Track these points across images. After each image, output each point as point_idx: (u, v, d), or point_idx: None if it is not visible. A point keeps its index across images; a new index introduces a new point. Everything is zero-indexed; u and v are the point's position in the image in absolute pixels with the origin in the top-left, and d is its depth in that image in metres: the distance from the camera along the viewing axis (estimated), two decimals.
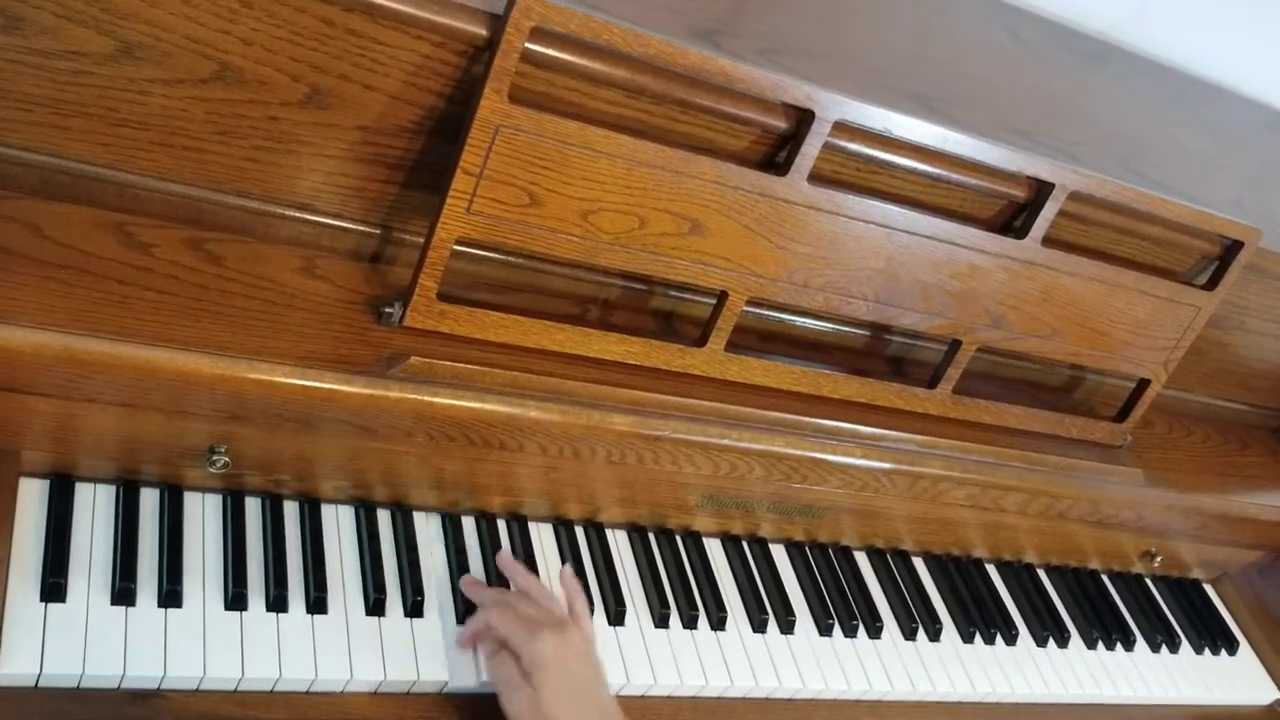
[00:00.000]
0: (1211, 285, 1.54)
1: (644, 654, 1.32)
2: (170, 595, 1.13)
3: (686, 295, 1.41)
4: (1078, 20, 1.98)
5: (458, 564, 1.29)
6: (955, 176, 1.35)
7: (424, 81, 1.14)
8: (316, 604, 1.19)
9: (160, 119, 1.11)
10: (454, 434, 1.22)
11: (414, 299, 1.20)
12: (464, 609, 1.25)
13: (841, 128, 1.26)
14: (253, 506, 1.23)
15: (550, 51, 1.13)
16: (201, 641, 1.12)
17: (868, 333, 1.53)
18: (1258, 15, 2.10)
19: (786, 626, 1.44)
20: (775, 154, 1.29)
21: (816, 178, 1.28)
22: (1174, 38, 2.07)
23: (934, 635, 1.53)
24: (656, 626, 1.36)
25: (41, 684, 1.05)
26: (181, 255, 1.16)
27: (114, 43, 1.05)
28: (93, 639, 1.08)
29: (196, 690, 1.11)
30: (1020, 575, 1.69)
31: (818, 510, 1.49)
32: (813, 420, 1.40)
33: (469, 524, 1.34)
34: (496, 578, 1.29)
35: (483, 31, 1.11)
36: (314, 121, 1.15)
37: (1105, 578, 1.78)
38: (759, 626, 1.42)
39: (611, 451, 1.30)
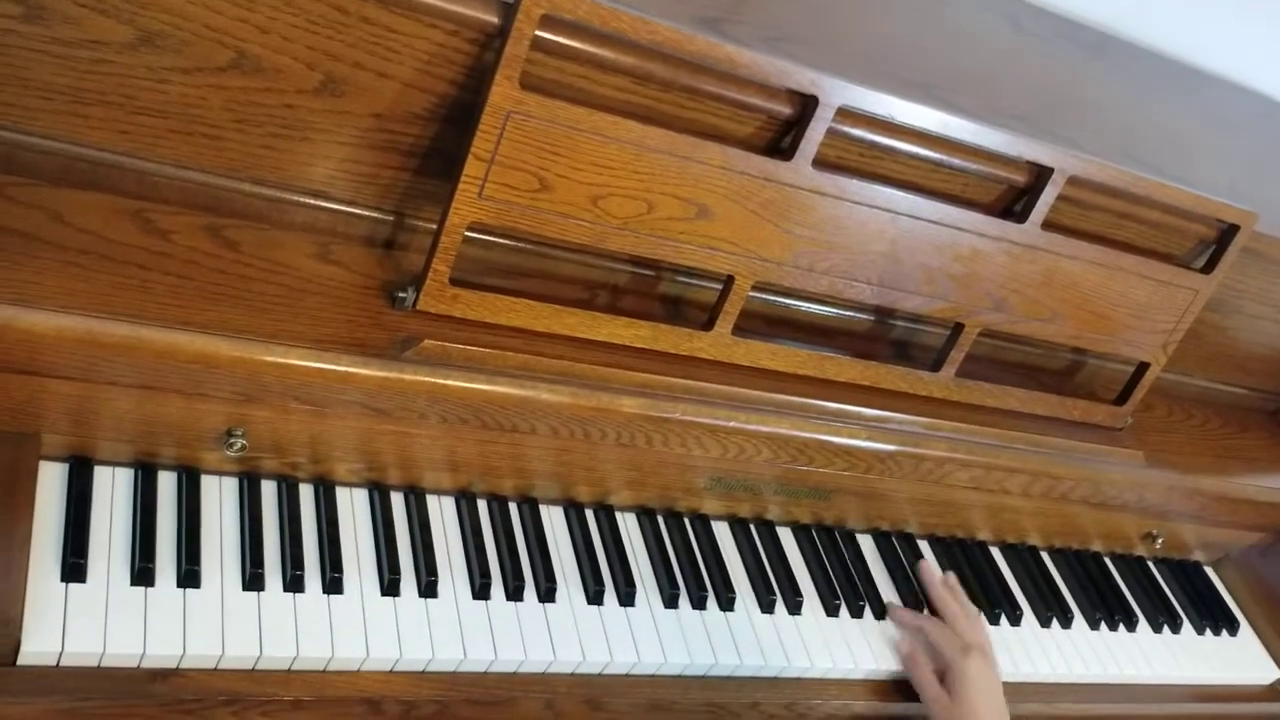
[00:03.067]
0: (1209, 269, 1.56)
1: (654, 633, 1.34)
2: (189, 576, 1.15)
3: (694, 280, 1.43)
4: (1078, 11, 2.00)
5: (474, 546, 1.31)
6: (957, 161, 1.37)
7: (436, 69, 1.17)
8: (332, 584, 1.21)
9: (178, 107, 1.13)
10: (466, 416, 1.24)
11: (427, 283, 1.22)
12: (478, 589, 1.27)
13: (845, 113, 1.28)
14: (269, 489, 1.25)
15: (560, 39, 1.16)
16: (220, 621, 1.14)
17: (872, 316, 1.55)
18: (1252, 9, 2.12)
19: (794, 608, 1.46)
20: (780, 139, 1.31)
21: (821, 163, 1.30)
22: (1173, 28, 2.09)
23: None
24: (666, 607, 1.38)
25: (63, 662, 1.07)
26: (199, 241, 1.18)
27: (134, 31, 1.07)
28: (113, 619, 1.09)
29: (215, 669, 1.13)
30: (1024, 557, 1.71)
31: (824, 492, 1.51)
32: (818, 403, 1.42)
33: (482, 506, 1.36)
34: (509, 557, 1.31)
35: (494, 19, 1.13)
36: (329, 109, 1.17)
37: (1107, 559, 1.80)
38: (767, 608, 1.44)
39: (621, 434, 1.32)
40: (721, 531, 1.50)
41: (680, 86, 1.23)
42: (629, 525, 1.44)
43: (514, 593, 1.29)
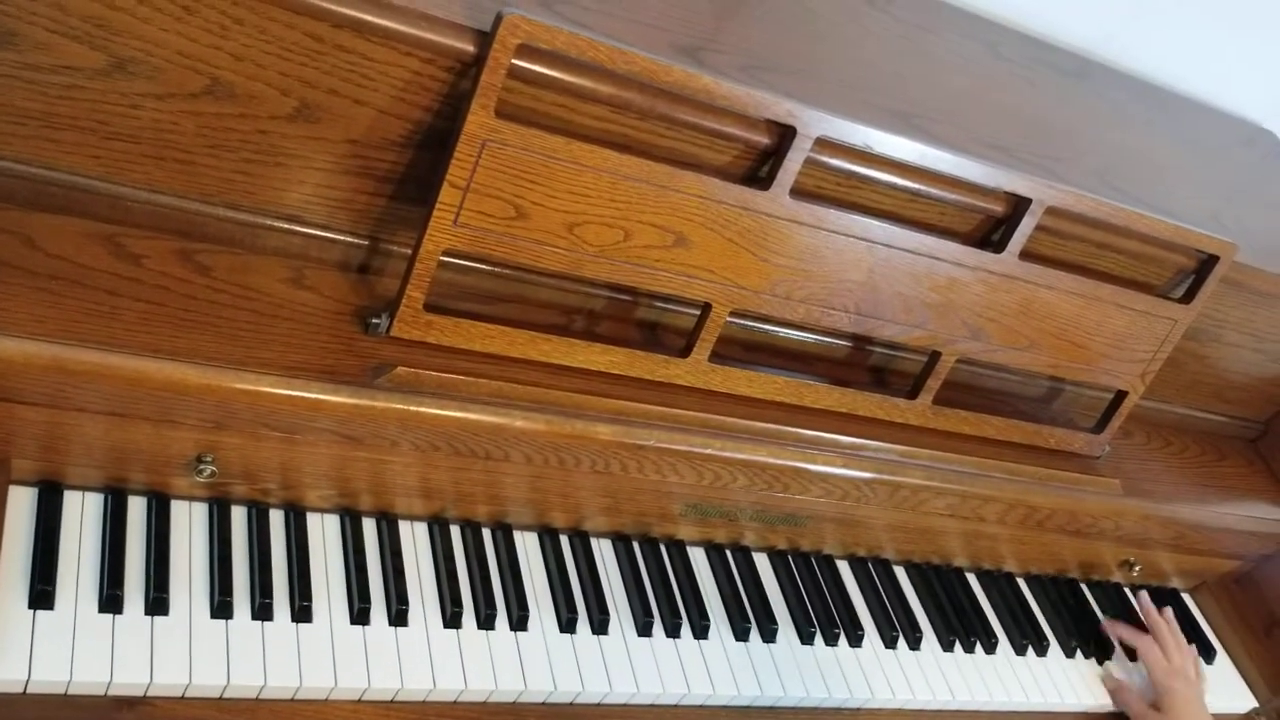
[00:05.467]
0: (1188, 299, 1.56)
1: (626, 661, 1.34)
2: (157, 603, 1.14)
3: (671, 306, 1.43)
4: (1058, 37, 2.00)
5: (446, 573, 1.30)
6: (935, 191, 1.37)
7: (412, 96, 1.16)
8: (301, 613, 1.20)
9: (151, 132, 1.13)
10: (440, 443, 1.24)
11: (401, 309, 1.22)
12: (449, 617, 1.27)
13: (823, 143, 1.28)
14: (239, 515, 1.25)
15: (536, 68, 1.15)
16: (187, 649, 1.13)
17: (849, 344, 1.55)
18: (1235, 32, 2.12)
19: (769, 635, 1.45)
20: (758, 169, 1.31)
21: (798, 192, 1.30)
22: (1153, 54, 2.09)
23: (914, 644, 1.55)
24: (640, 635, 1.37)
25: (30, 690, 1.06)
26: (171, 266, 1.17)
27: (107, 57, 1.07)
28: (80, 646, 1.09)
29: (182, 697, 1.12)
30: (1000, 584, 1.71)
31: (800, 519, 1.51)
32: (795, 430, 1.42)
33: (455, 533, 1.35)
34: (482, 585, 1.31)
35: (470, 48, 1.13)
36: (303, 135, 1.17)
37: (1084, 587, 1.80)
38: (742, 635, 1.43)
39: (596, 461, 1.31)
40: (697, 558, 1.50)
41: (658, 116, 1.23)
42: (604, 552, 1.44)
43: (485, 621, 1.29)
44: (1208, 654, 1.82)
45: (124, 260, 1.16)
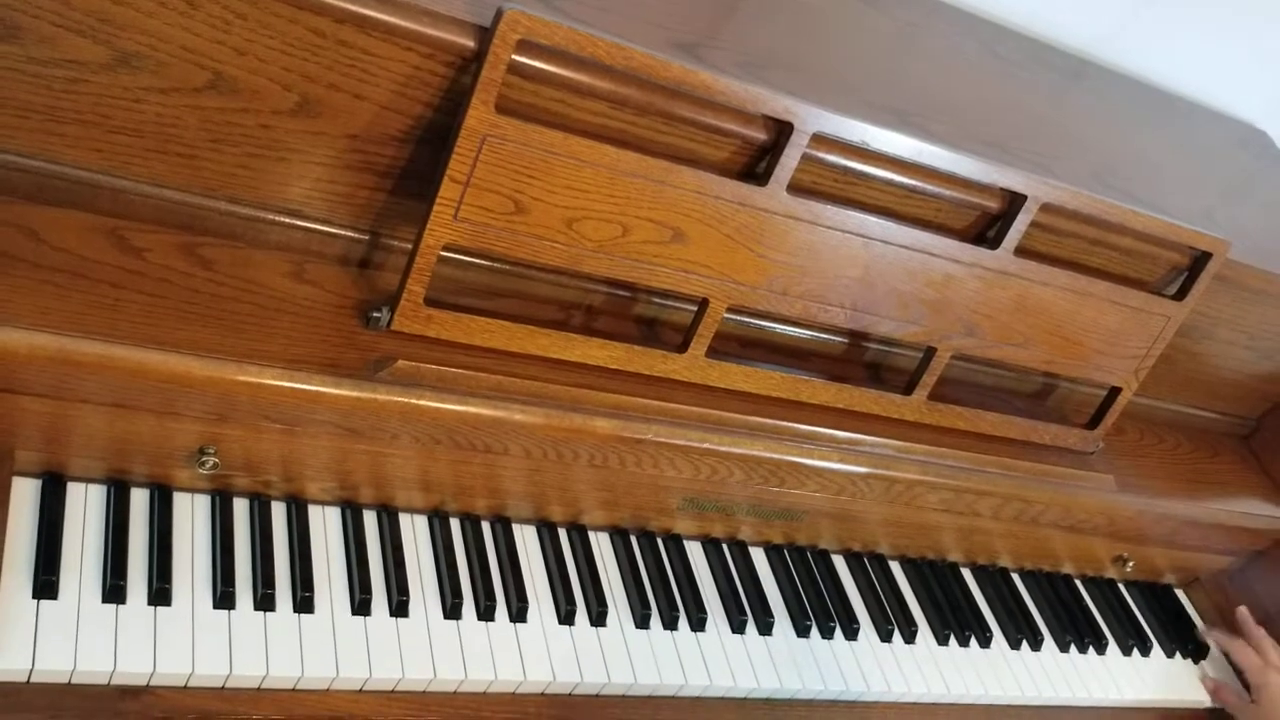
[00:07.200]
0: (1181, 295, 1.58)
1: (625, 653, 1.35)
2: (160, 593, 1.15)
3: (669, 302, 1.44)
4: (1055, 37, 2.02)
5: (446, 565, 1.31)
6: (930, 188, 1.38)
7: (413, 91, 1.17)
8: (303, 603, 1.21)
9: (154, 126, 1.14)
10: (440, 436, 1.25)
11: (401, 304, 1.23)
12: (449, 608, 1.28)
13: (820, 140, 1.29)
14: (241, 507, 1.26)
15: (536, 63, 1.16)
16: (190, 639, 1.14)
17: (845, 340, 1.56)
18: (1230, 34, 2.14)
19: (765, 628, 1.46)
20: (755, 165, 1.32)
21: (795, 188, 1.31)
22: (1149, 55, 2.11)
23: (909, 637, 1.56)
24: (638, 627, 1.39)
25: (34, 679, 1.07)
26: (173, 259, 1.18)
27: (110, 52, 1.08)
28: (84, 635, 1.10)
29: (185, 687, 1.13)
30: (995, 579, 1.72)
31: (796, 514, 1.52)
32: (791, 425, 1.43)
33: (455, 525, 1.36)
34: (481, 577, 1.32)
35: (470, 43, 1.14)
36: (305, 130, 1.18)
37: (1078, 582, 1.81)
38: (738, 628, 1.45)
39: (594, 455, 1.33)
40: (694, 552, 1.51)
41: (656, 111, 1.24)
42: (602, 545, 1.45)
43: (485, 612, 1.30)
44: (1201, 649, 1.83)
45: (127, 253, 1.17)
